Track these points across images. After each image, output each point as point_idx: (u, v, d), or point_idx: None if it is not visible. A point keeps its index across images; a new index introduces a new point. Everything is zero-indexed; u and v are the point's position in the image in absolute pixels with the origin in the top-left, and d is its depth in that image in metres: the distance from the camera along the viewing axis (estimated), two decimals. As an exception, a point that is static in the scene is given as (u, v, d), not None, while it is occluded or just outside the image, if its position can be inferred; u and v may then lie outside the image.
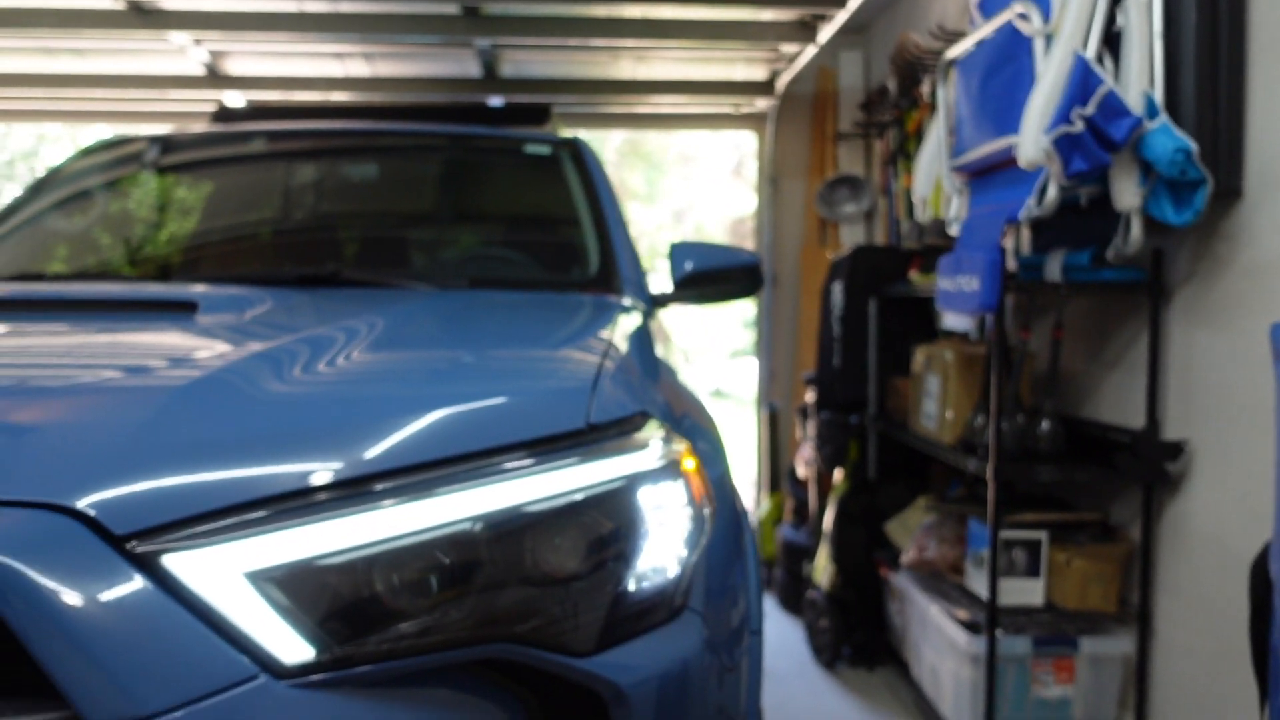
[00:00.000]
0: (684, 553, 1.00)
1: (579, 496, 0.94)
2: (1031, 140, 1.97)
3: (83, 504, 0.78)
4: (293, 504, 0.84)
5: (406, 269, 2.13)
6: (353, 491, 0.86)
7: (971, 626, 2.45)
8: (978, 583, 2.45)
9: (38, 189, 2.27)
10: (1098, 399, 2.48)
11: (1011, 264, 2.28)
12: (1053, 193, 2.05)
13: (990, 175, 2.39)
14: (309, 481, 0.85)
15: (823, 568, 3.36)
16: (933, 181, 2.73)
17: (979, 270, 2.19)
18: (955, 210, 2.55)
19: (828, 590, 3.27)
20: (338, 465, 0.87)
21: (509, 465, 0.93)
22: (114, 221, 2.26)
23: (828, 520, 3.34)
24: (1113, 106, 1.89)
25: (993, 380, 2.26)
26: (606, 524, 0.95)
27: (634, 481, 0.98)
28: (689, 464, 1.06)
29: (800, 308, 4.50)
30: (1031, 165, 2.01)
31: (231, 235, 2.29)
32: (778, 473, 4.51)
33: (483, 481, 0.91)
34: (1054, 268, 2.22)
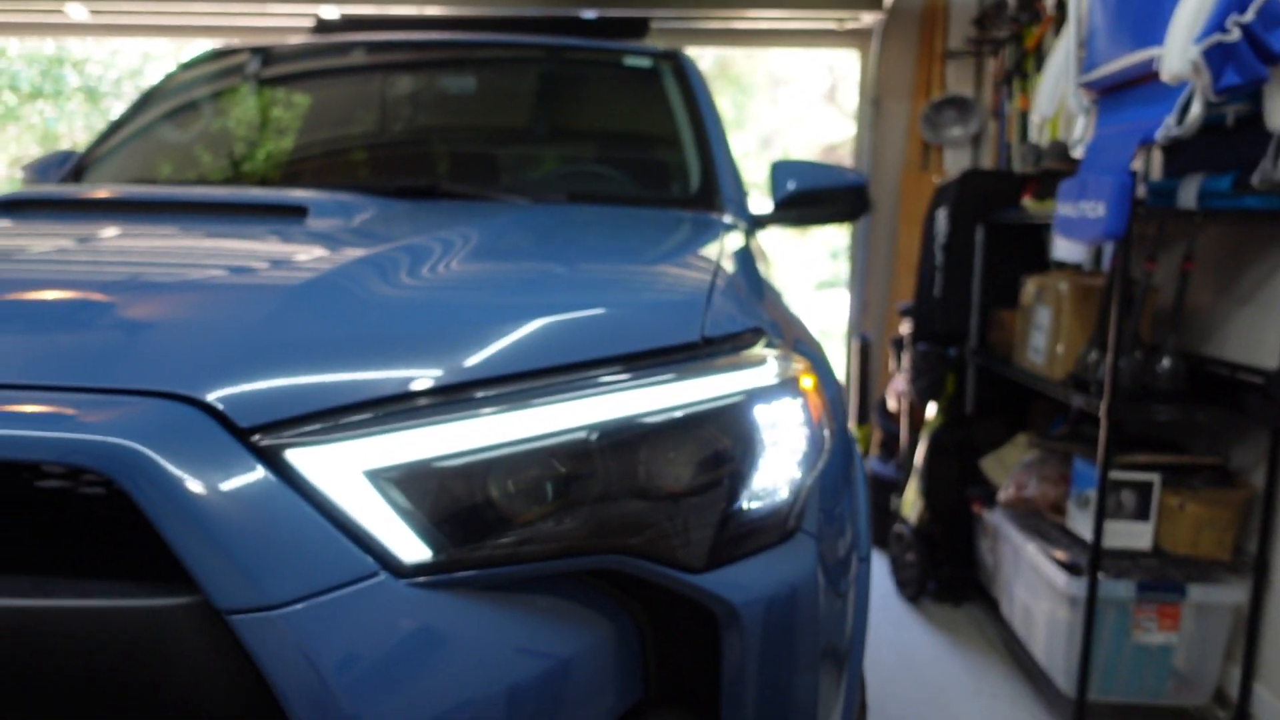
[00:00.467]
0: (799, 474, 0.97)
1: (694, 411, 0.91)
2: (1178, 51, 1.81)
3: (208, 396, 0.79)
4: (412, 405, 0.83)
5: (504, 183, 2.11)
6: (472, 395, 0.85)
7: (1071, 568, 2.37)
8: (1081, 524, 2.36)
9: (144, 103, 2.31)
10: (1226, 336, 2.32)
11: (1140, 190, 2.12)
12: (1196, 110, 1.89)
13: (1123, 92, 2.21)
14: (431, 383, 0.84)
15: (911, 502, 3.30)
16: (1057, 101, 2.56)
17: (1105, 195, 2.04)
18: (1080, 131, 2.38)
19: (915, 525, 3.21)
20: (459, 368, 0.86)
21: (623, 376, 0.91)
22: (217, 133, 2.29)
23: (919, 455, 3.26)
24: (1275, 14, 1.71)
25: (1112, 313, 2.13)
26: (722, 440, 0.92)
27: (751, 398, 0.94)
28: (807, 383, 1.02)
29: (898, 236, 4.34)
30: (1176, 79, 1.85)
31: (331, 147, 2.30)
32: (867, 405, 4.42)
33: (596, 391, 0.89)
34: (1189, 193, 2.07)
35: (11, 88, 6.42)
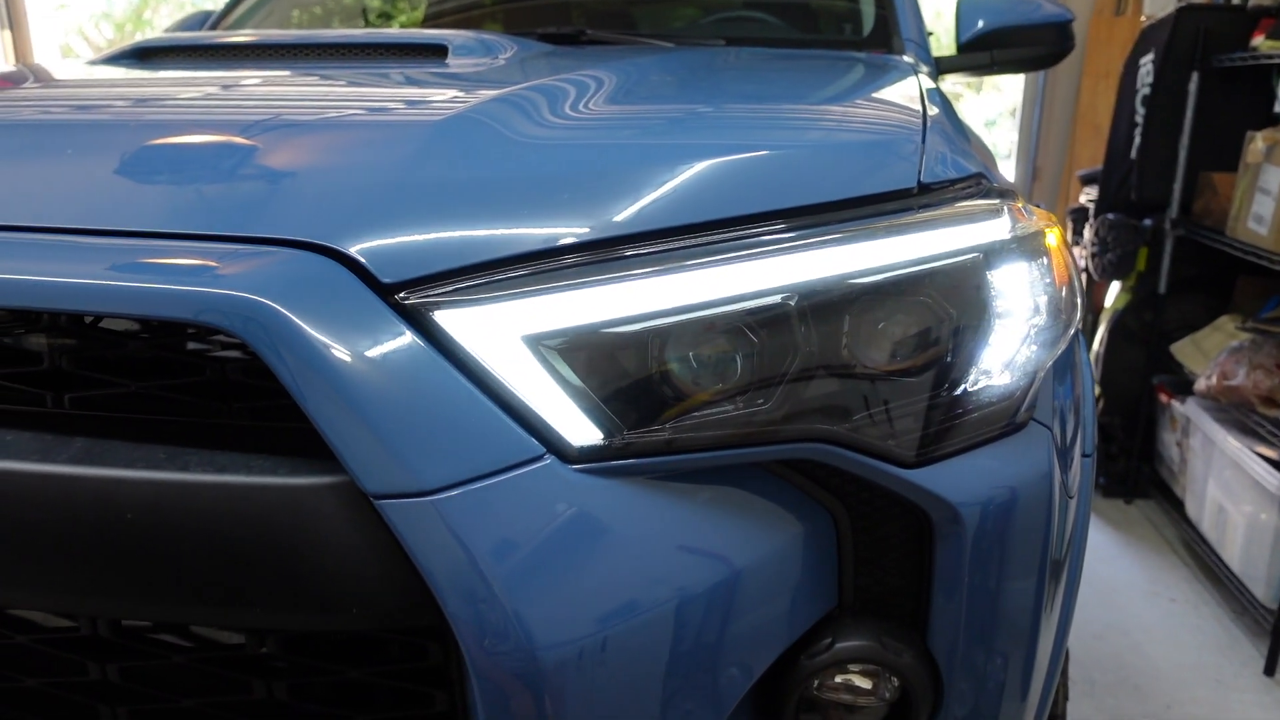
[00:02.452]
0: (1038, 351, 0.79)
1: (911, 271, 0.74)
2: None
3: (347, 246, 0.68)
4: (578, 260, 0.70)
5: (655, 27, 1.91)
6: (643, 250, 0.71)
7: (1282, 467, 2.10)
8: (1302, 418, 2.07)
9: None
10: None
11: None
12: None
13: None
14: (600, 235, 0.70)
15: (1085, 389, 3.02)
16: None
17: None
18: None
19: (1088, 413, 2.94)
20: (632, 217, 0.71)
21: (825, 228, 0.74)
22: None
23: (1097, 339, 2.96)
24: None
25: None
26: (945, 308, 0.75)
27: (984, 256, 0.76)
28: (1051, 240, 0.82)
29: (1080, 93, 3.86)
30: None
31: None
32: (1031, 283, 4.07)
33: (793, 247, 0.73)
34: None
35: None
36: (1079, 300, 0.84)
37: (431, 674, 0.74)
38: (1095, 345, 3.00)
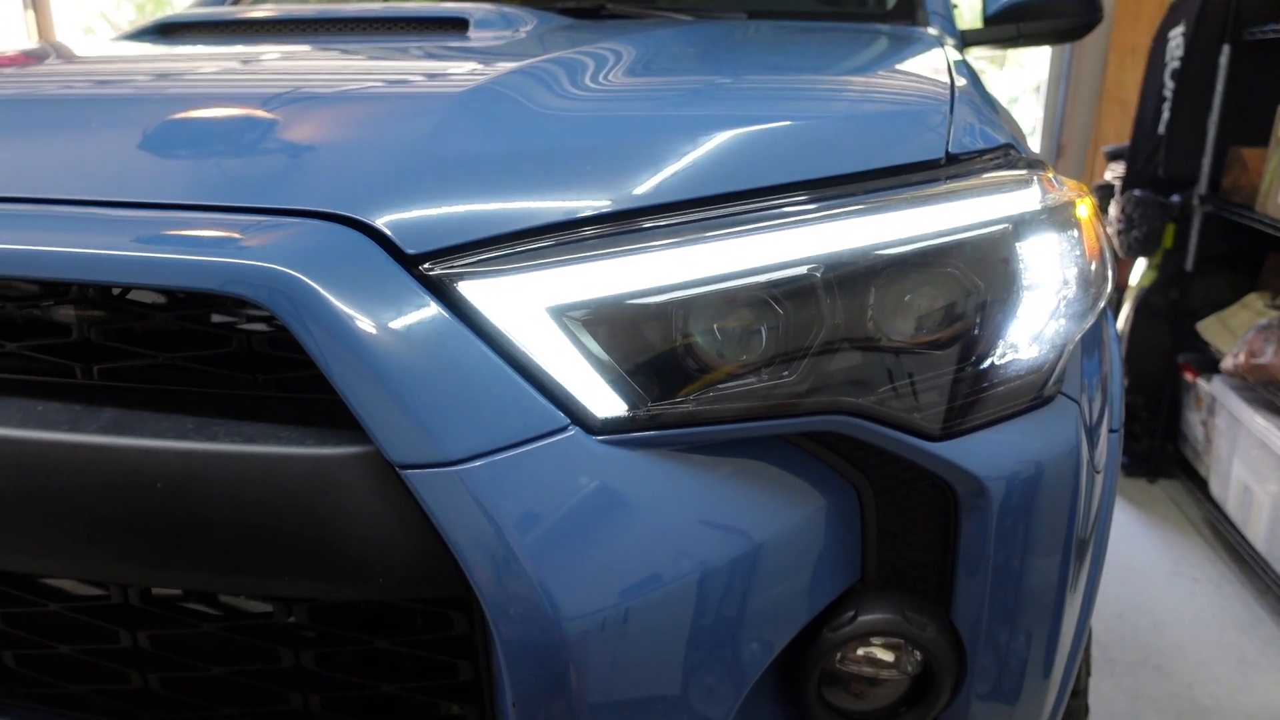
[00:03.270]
0: (1067, 324, 0.78)
1: (940, 242, 0.73)
2: None
3: (371, 217, 0.68)
4: (603, 231, 0.69)
5: (674, 2, 1.89)
6: (668, 221, 0.70)
7: (1310, 447, 2.07)
8: (1331, 397, 2.04)
9: None
10: None
11: None
12: None
13: None
14: (625, 206, 0.70)
15: (1108, 368, 2.99)
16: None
17: None
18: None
19: (1111, 392, 2.92)
20: (658, 187, 0.71)
21: (851, 199, 0.73)
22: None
23: (1122, 316, 2.93)
24: None
25: None
26: (973, 279, 0.74)
27: (1013, 227, 0.75)
28: (1083, 211, 0.81)
29: (1107, 67, 3.80)
30: None
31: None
32: (1054, 262, 4.02)
33: (819, 217, 0.72)
34: None
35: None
36: (1109, 273, 0.82)
37: (457, 644, 0.74)
38: (1120, 323, 2.97)
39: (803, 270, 0.70)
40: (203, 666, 0.79)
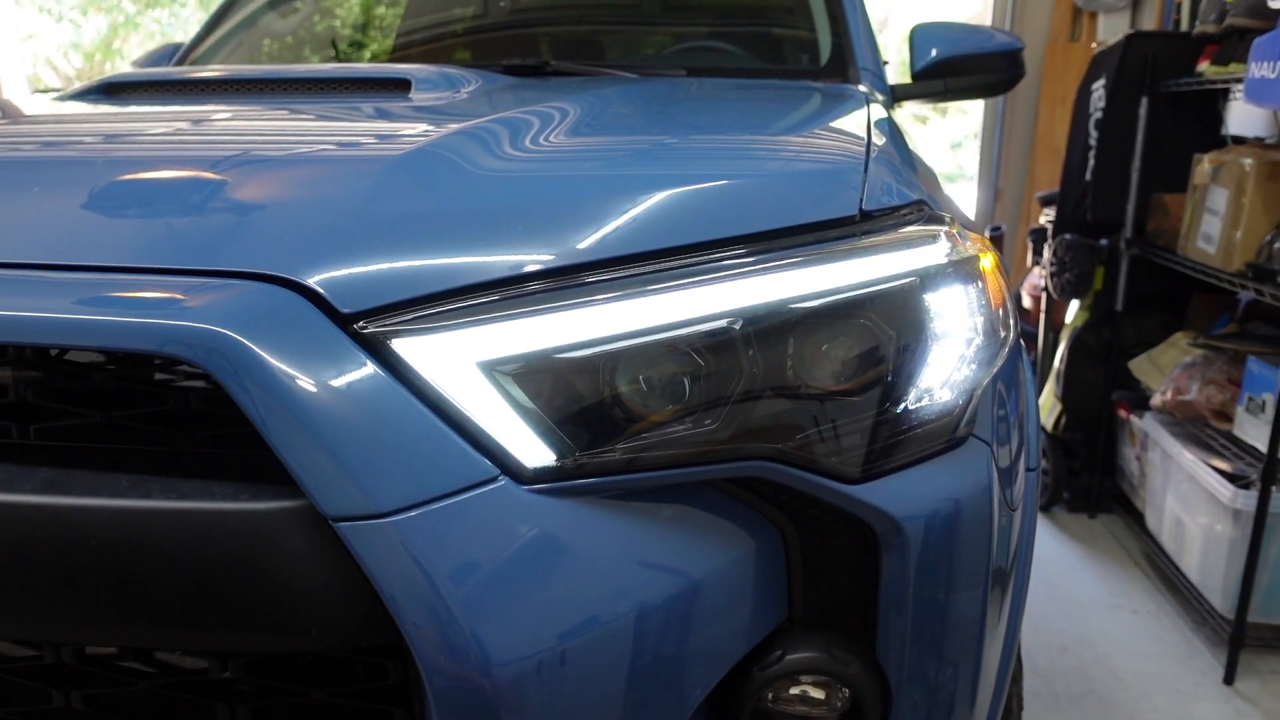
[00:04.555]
0: (974, 371, 0.83)
1: (853, 295, 0.78)
2: None
3: (305, 278, 0.70)
4: (530, 289, 0.72)
5: (617, 59, 1.95)
6: (595, 277, 0.74)
7: (1235, 479, 2.15)
8: (1252, 431, 2.13)
9: None
10: None
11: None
12: None
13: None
14: (552, 265, 0.73)
15: (1048, 406, 3.08)
16: (1249, -56, 2.19)
17: (1315, 52, 1.74)
18: (1281, -21, 2.04)
19: (1051, 430, 3.00)
20: (582, 247, 0.74)
21: (769, 255, 0.78)
22: (321, 19, 2.20)
23: (1058, 356, 3.03)
24: None
25: (1311, 193, 1.85)
26: (885, 329, 0.78)
27: (921, 280, 0.80)
28: (986, 263, 0.86)
29: (1038, 117, 3.96)
30: None
31: (436, 30, 2.18)
32: (995, 303, 4.14)
33: (739, 273, 0.76)
34: None
35: (129, -5, 6.50)
36: (1014, 321, 0.87)
37: (392, 693, 0.76)
38: (1056, 363, 3.07)
39: (723, 323, 0.74)
40: (138, 724, 0.79)
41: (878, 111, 1.29)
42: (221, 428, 0.73)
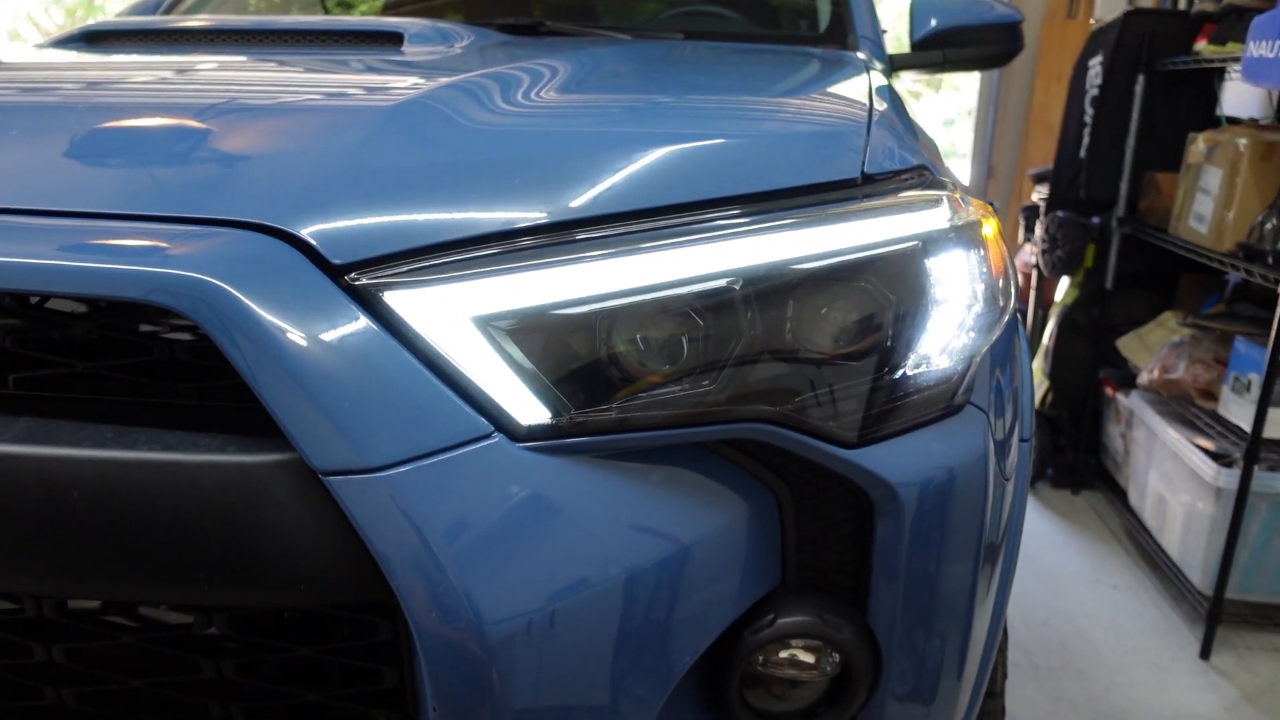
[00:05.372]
0: (973, 338, 0.82)
1: (854, 258, 0.76)
2: None
3: (296, 228, 0.68)
4: (527, 243, 0.71)
5: (613, 20, 1.92)
6: (594, 233, 0.72)
7: (1218, 457, 2.17)
8: (1237, 410, 2.14)
9: None
10: None
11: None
12: None
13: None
14: (549, 218, 0.72)
15: (1034, 383, 3.09)
16: (1253, -80, 2.18)
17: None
18: (1283, -44, 2.02)
19: (1037, 407, 3.01)
20: (581, 201, 0.73)
21: (771, 215, 0.76)
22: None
23: (1046, 333, 3.04)
24: None
25: (1305, 173, 1.85)
26: (885, 294, 0.77)
27: (922, 245, 0.79)
28: (988, 230, 0.85)
29: (1033, 94, 3.95)
30: None
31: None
32: (984, 280, 4.14)
33: (739, 232, 0.75)
34: None
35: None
36: (1014, 289, 0.87)
37: (381, 650, 0.75)
38: (1045, 339, 3.08)
39: (723, 283, 0.73)
40: (120, 680, 0.78)
41: (878, 78, 1.27)
42: (207, 379, 0.71)
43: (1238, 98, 2.56)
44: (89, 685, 0.78)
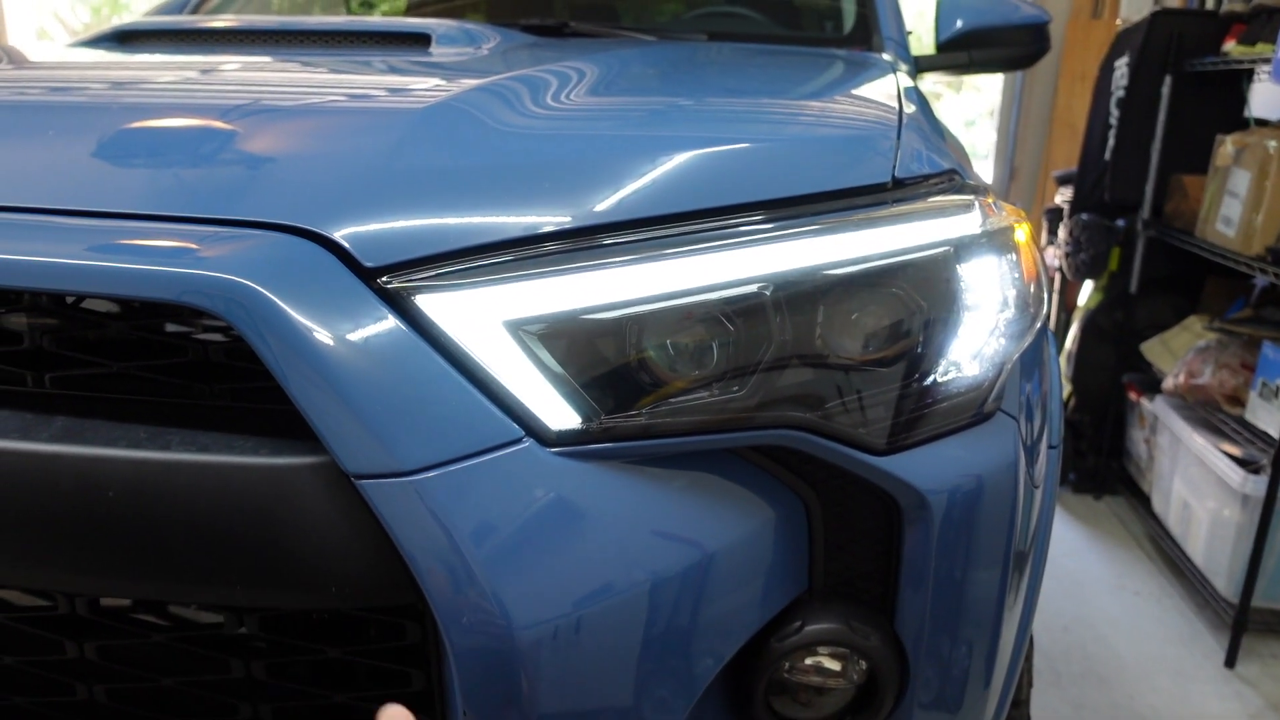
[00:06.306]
0: (1005, 343, 0.81)
1: (885, 264, 0.76)
2: None
3: (329, 230, 0.68)
4: (559, 248, 0.71)
5: (638, 22, 1.92)
6: (624, 238, 0.72)
7: (1245, 464, 2.15)
8: (1265, 417, 2.12)
9: None
10: None
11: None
12: None
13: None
14: (581, 223, 0.72)
15: (1056, 386, 3.07)
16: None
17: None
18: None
19: (1059, 410, 2.99)
20: (613, 206, 0.73)
21: (801, 220, 0.76)
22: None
23: (1069, 337, 3.01)
24: None
25: (1337, 177, 1.82)
26: (916, 299, 0.77)
27: (955, 250, 0.78)
28: (1020, 235, 0.85)
29: (1057, 94, 3.91)
30: None
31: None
32: (1006, 282, 4.11)
33: (770, 238, 0.74)
34: None
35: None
36: (1046, 295, 0.86)
37: (409, 653, 0.75)
38: (1068, 344, 3.05)
39: (753, 288, 0.72)
40: (151, 678, 0.78)
41: (905, 80, 1.27)
42: (240, 381, 0.72)
43: (1267, 99, 2.52)
44: (120, 682, 0.79)
